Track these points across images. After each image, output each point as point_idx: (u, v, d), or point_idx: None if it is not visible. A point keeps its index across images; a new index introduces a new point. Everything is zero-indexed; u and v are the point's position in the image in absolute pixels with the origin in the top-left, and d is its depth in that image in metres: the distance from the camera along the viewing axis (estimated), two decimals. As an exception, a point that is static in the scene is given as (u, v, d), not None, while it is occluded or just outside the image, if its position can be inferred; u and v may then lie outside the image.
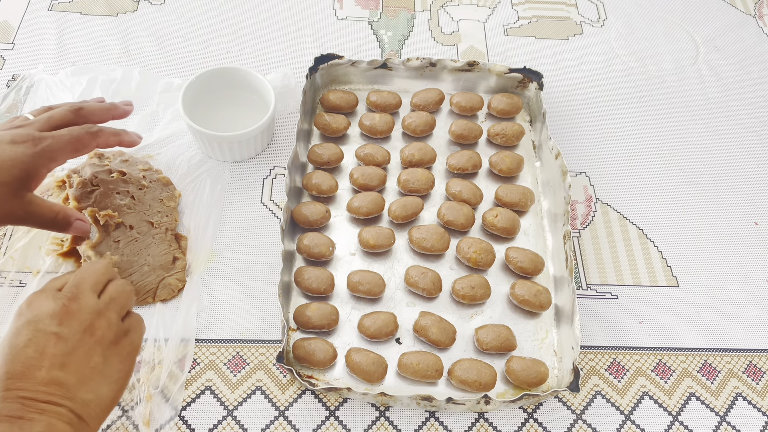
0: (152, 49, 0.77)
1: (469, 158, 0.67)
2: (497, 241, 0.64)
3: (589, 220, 0.67)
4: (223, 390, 0.55)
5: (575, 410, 0.56)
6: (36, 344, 0.39)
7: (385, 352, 0.56)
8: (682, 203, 0.69)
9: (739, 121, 0.77)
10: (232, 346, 0.57)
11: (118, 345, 0.43)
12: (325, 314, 0.56)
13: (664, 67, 0.82)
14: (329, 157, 0.66)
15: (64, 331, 0.40)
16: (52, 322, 0.40)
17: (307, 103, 0.69)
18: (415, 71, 0.73)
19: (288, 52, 0.79)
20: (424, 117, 0.70)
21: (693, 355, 0.60)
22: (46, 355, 0.39)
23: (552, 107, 0.75)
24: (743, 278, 0.64)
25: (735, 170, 0.73)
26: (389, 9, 0.85)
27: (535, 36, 0.84)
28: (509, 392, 0.55)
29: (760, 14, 0.89)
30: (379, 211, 0.63)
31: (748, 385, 0.58)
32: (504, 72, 0.72)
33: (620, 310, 0.61)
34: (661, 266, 0.65)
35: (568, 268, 0.59)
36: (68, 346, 0.40)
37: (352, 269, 0.61)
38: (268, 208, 0.66)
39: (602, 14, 0.87)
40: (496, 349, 0.56)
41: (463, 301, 0.59)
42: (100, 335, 0.42)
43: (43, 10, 0.80)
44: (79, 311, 0.41)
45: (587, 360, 0.59)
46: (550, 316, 0.60)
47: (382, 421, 0.54)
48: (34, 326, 0.40)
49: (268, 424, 0.53)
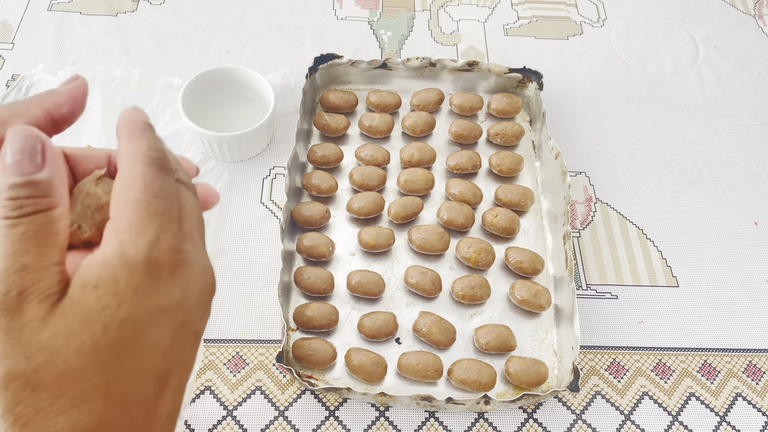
0: (152, 49, 0.77)
1: (468, 158, 0.67)
2: (497, 241, 0.64)
3: (588, 220, 0.67)
4: (223, 390, 0.55)
5: (575, 410, 0.56)
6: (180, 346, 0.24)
7: (384, 352, 0.56)
8: (682, 203, 0.69)
9: (739, 121, 0.77)
10: (232, 346, 0.57)
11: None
12: (325, 314, 0.56)
13: (664, 67, 0.81)
14: (329, 157, 0.66)
15: (201, 329, 0.25)
16: (199, 314, 0.25)
17: (307, 103, 0.69)
18: (415, 71, 0.73)
19: (288, 52, 0.79)
20: (424, 117, 0.70)
21: (693, 355, 0.60)
22: (180, 369, 0.24)
23: (552, 107, 0.75)
24: (743, 278, 0.64)
25: (735, 170, 0.73)
26: (389, 9, 0.85)
27: (534, 36, 0.84)
28: (509, 392, 0.55)
29: (760, 14, 0.89)
30: (378, 211, 0.63)
31: (748, 385, 0.58)
32: (504, 72, 0.72)
33: (620, 310, 0.61)
34: (661, 266, 0.65)
35: (567, 268, 0.59)
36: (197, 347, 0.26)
37: (351, 269, 0.61)
38: (268, 208, 0.66)
39: (602, 14, 0.87)
40: (496, 349, 0.56)
41: (463, 301, 0.59)
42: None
43: (42, 10, 0.80)
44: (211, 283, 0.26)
45: (587, 360, 0.59)
46: (550, 316, 0.60)
47: (381, 421, 0.54)
48: (185, 316, 0.24)
49: (268, 424, 0.53)
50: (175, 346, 0.23)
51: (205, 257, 0.26)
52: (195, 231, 0.25)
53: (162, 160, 0.25)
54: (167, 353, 0.23)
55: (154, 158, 0.24)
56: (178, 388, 0.24)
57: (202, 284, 0.25)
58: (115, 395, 0.22)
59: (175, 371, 0.24)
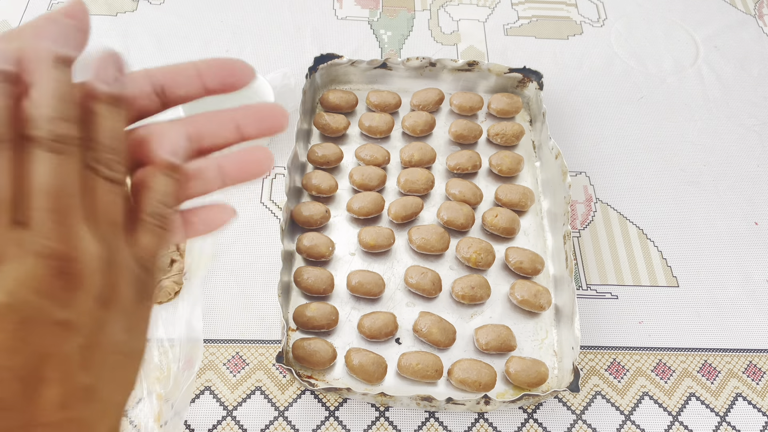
0: (152, 49, 0.77)
1: (468, 158, 0.67)
2: (497, 241, 0.64)
3: (589, 220, 0.67)
4: (223, 390, 0.55)
5: (575, 410, 0.56)
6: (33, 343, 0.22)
7: (384, 353, 0.56)
8: (682, 203, 0.69)
9: (739, 121, 0.77)
10: (232, 346, 0.57)
11: (143, 301, 0.26)
12: (325, 314, 0.56)
13: (664, 67, 0.81)
14: (329, 157, 0.66)
15: (75, 316, 0.23)
16: (50, 305, 0.22)
17: (307, 102, 0.69)
18: (415, 71, 0.73)
19: (288, 51, 0.79)
20: (424, 117, 0.70)
21: (693, 355, 0.59)
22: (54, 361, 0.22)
23: (552, 107, 0.75)
24: (743, 278, 0.64)
25: (735, 170, 0.73)
26: (389, 9, 0.85)
27: (535, 36, 0.84)
28: (509, 392, 0.55)
29: (760, 14, 0.89)
30: (378, 211, 0.63)
31: (748, 385, 0.58)
32: (504, 72, 0.72)
33: (620, 310, 0.61)
34: (661, 266, 0.65)
35: (568, 268, 0.58)
36: (85, 337, 0.23)
37: (351, 269, 0.60)
38: (268, 208, 0.66)
39: (602, 14, 0.87)
40: (496, 350, 0.56)
41: (463, 302, 0.59)
42: (122, 298, 0.25)
43: (42, 10, 0.80)
44: (85, 274, 0.23)
45: (587, 360, 0.59)
46: (550, 316, 0.60)
47: (381, 421, 0.54)
48: (21, 314, 0.22)
49: (268, 425, 0.53)
50: (23, 345, 0.21)
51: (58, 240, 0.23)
52: (43, 212, 0.22)
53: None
54: (15, 354, 0.21)
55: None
56: (62, 378, 0.22)
57: (37, 275, 0.22)
58: None
59: (45, 366, 0.22)
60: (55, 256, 0.22)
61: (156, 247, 0.26)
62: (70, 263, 0.23)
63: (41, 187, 0.22)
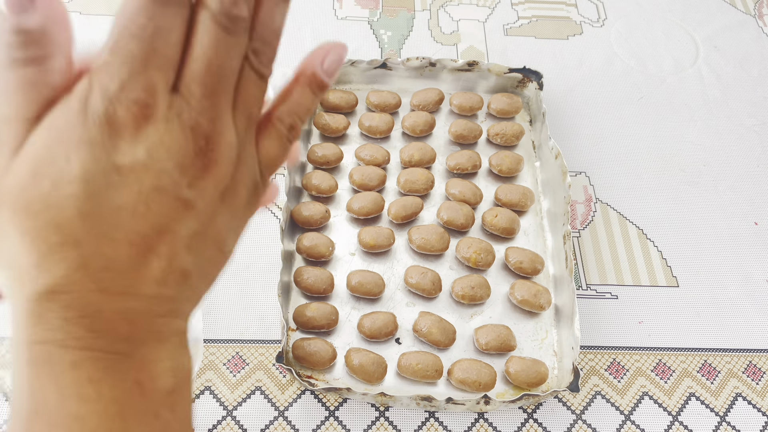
0: (152, 49, 0.77)
1: (468, 158, 0.67)
2: (497, 241, 0.64)
3: (589, 220, 0.67)
4: (223, 390, 0.55)
5: (575, 410, 0.56)
6: (156, 213, 0.21)
7: (384, 353, 0.56)
8: (682, 203, 0.69)
9: (739, 121, 0.77)
10: (232, 346, 0.57)
11: (250, 206, 0.26)
12: (325, 314, 0.56)
13: (664, 67, 0.81)
14: (329, 157, 0.66)
15: (198, 199, 0.23)
16: (182, 180, 0.22)
17: (307, 103, 0.69)
18: (415, 71, 0.73)
19: (288, 51, 0.78)
20: (424, 117, 0.70)
21: (693, 355, 0.59)
22: (168, 237, 0.22)
23: (552, 107, 0.75)
24: (743, 278, 0.64)
25: (735, 170, 0.73)
26: (389, 9, 0.85)
27: (534, 36, 0.84)
28: (509, 392, 0.55)
29: (760, 14, 0.89)
30: (378, 212, 0.63)
31: (748, 385, 0.58)
32: (504, 72, 0.72)
33: (620, 310, 0.61)
34: (661, 266, 0.65)
35: (567, 268, 0.59)
36: (199, 223, 0.23)
37: (351, 269, 0.60)
38: (268, 208, 0.66)
39: (602, 14, 0.87)
40: (496, 350, 0.56)
41: (463, 301, 0.59)
42: (238, 196, 0.25)
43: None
44: (220, 161, 0.23)
45: (587, 360, 0.59)
46: (550, 316, 0.60)
47: (381, 421, 0.54)
48: (155, 180, 0.21)
49: (268, 425, 0.53)
50: (147, 211, 0.21)
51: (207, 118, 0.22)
52: (199, 84, 0.22)
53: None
54: (136, 218, 0.21)
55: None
56: (169, 256, 0.22)
57: (181, 146, 0.21)
58: (76, 256, 0.20)
59: (159, 239, 0.22)
60: (201, 133, 0.22)
61: (277, 157, 0.26)
62: (211, 146, 0.22)
63: (203, 60, 0.22)
